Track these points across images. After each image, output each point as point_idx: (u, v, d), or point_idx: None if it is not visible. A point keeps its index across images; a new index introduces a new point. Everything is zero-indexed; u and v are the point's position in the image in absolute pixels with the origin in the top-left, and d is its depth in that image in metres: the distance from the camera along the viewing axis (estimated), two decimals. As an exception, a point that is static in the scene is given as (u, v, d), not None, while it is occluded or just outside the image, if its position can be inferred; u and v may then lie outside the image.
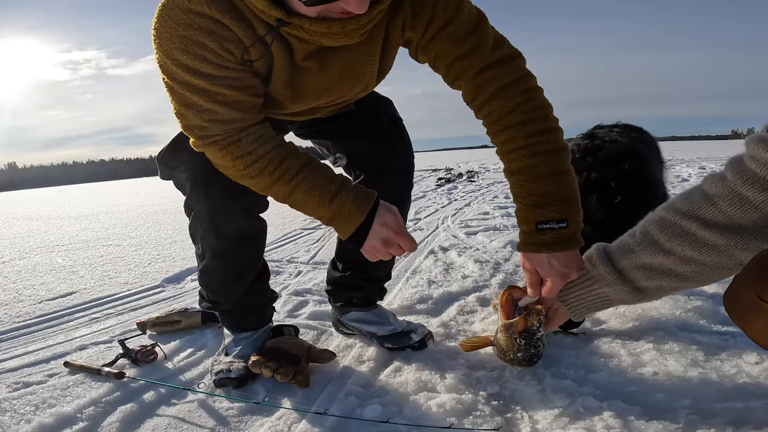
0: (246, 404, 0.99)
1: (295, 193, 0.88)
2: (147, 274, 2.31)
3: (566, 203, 0.86)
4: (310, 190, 0.88)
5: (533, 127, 0.87)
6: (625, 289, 0.86)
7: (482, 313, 1.43)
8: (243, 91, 0.86)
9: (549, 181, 0.85)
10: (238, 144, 0.87)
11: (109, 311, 1.75)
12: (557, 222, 0.85)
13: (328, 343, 1.30)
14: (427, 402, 0.93)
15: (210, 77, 0.81)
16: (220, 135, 0.86)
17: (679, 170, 6.56)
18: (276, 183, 0.88)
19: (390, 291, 1.71)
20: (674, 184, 4.81)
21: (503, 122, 0.89)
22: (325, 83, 0.96)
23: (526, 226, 0.88)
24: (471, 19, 0.89)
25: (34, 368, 1.25)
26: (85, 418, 0.97)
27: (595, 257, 0.90)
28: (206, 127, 0.85)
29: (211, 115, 0.84)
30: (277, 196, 0.91)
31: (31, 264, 2.80)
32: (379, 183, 1.06)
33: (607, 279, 0.88)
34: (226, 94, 0.83)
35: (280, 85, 0.93)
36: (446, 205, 4.27)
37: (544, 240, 0.86)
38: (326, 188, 0.88)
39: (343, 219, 0.88)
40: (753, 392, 0.90)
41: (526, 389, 0.95)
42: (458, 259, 2.14)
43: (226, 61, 0.82)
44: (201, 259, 1.13)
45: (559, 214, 0.85)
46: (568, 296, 0.96)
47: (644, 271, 0.83)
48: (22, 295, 2.03)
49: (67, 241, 3.73)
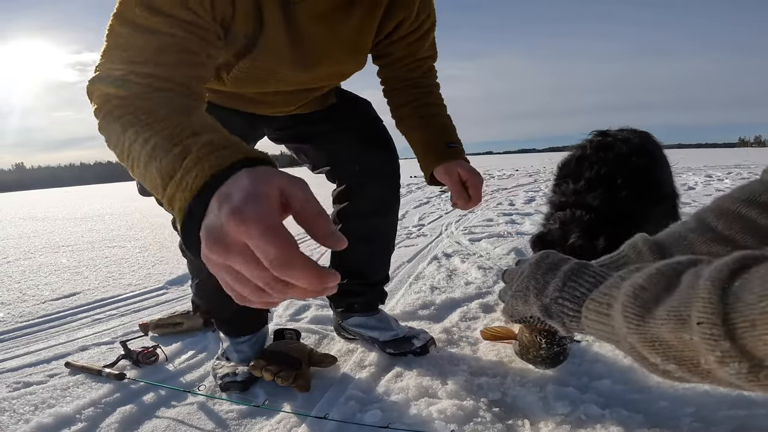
0: (246, 407, 0.99)
1: (128, 160, 0.56)
2: (151, 276, 2.32)
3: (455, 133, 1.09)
4: (136, 139, 0.54)
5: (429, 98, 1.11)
6: None
7: (485, 319, 1.42)
8: (202, 43, 0.67)
9: (445, 121, 1.10)
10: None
11: (112, 312, 1.75)
12: (456, 143, 1.06)
13: (329, 348, 1.30)
14: (428, 408, 0.92)
15: (170, 18, 0.63)
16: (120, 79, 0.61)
17: (685, 178, 6.52)
18: (103, 121, 0.61)
19: (392, 296, 1.71)
20: (681, 192, 4.78)
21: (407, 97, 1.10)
22: (330, 45, 0.91)
23: (438, 146, 1.04)
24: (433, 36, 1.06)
25: (35, 368, 1.25)
26: (84, 418, 0.96)
27: (640, 245, 0.79)
28: (127, 79, 0.60)
29: (134, 54, 0.61)
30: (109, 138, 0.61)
31: (35, 264, 2.81)
32: (366, 188, 1.08)
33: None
34: (177, 36, 0.64)
35: (283, 47, 0.84)
36: (450, 211, 4.26)
37: (455, 152, 1.04)
38: (152, 133, 0.53)
39: (168, 188, 0.49)
40: (756, 400, 0.88)
41: (528, 396, 0.94)
42: (461, 265, 2.13)
43: (199, 7, 0.66)
44: (197, 272, 1.11)
45: (456, 138, 1.07)
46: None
47: None
48: (25, 295, 2.04)
49: (72, 242, 3.76)
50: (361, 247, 1.20)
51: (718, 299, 0.36)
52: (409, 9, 0.96)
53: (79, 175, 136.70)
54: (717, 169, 8.16)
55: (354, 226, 1.18)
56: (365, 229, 1.18)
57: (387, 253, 1.28)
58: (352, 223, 1.19)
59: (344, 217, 1.20)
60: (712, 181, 6.02)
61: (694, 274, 0.41)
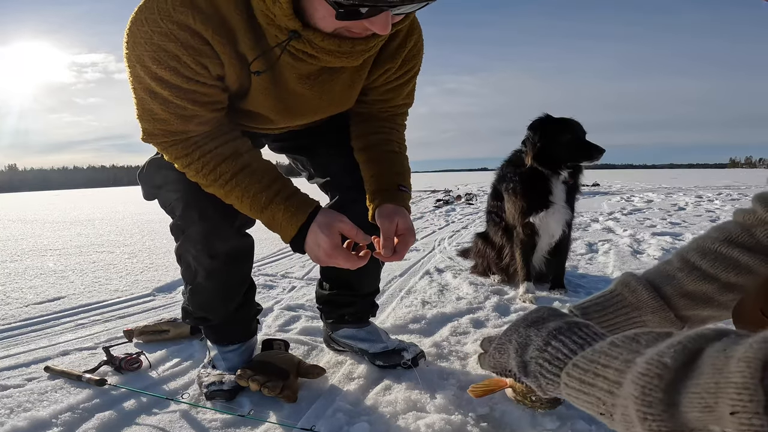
0: (230, 417, 0.96)
1: (230, 198, 0.88)
2: (138, 282, 2.28)
3: (408, 177, 1.08)
4: (243, 197, 0.87)
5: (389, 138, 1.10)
6: (669, 317, 0.81)
7: (475, 334, 1.42)
8: (206, 106, 0.84)
9: (403, 161, 1.09)
10: (178, 145, 0.86)
11: (96, 318, 1.72)
12: (407, 188, 1.05)
13: (318, 359, 1.28)
14: (416, 422, 0.90)
15: (177, 89, 0.80)
16: (167, 141, 0.86)
17: (676, 198, 6.61)
18: (212, 185, 0.88)
19: (383, 310, 1.69)
20: (670, 212, 4.84)
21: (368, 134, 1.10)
22: (318, 103, 0.96)
23: (390, 186, 1.02)
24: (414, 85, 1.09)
25: (13, 372, 1.22)
26: (60, 423, 0.94)
27: (633, 283, 0.83)
28: (155, 134, 0.85)
29: (164, 125, 0.83)
30: (217, 195, 0.90)
31: (21, 267, 2.76)
32: (357, 203, 1.07)
33: (652, 306, 0.81)
34: (187, 108, 0.82)
35: (269, 101, 0.93)
36: (443, 227, 4.28)
37: (404, 197, 1.02)
38: (258, 196, 0.86)
39: (276, 228, 0.88)
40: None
41: (515, 411, 0.93)
42: (453, 280, 2.13)
43: (198, 75, 0.80)
44: (193, 278, 1.09)
45: (409, 183, 1.07)
46: (598, 324, 0.87)
47: (686, 300, 0.79)
48: (9, 298, 2.00)
49: (60, 245, 3.70)
50: None
51: (757, 384, 0.31)
52: (395, 60, 0.97)
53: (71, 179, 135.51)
54: (708, 189, 8.29)
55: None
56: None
57: (377, 264, 1.28)
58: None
59: None
60: (703, 201, 6.11)
61: (720, 351, 0.37)
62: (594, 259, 2.59)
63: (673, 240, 3.04)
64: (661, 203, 5.96)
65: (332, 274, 1.26)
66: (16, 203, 12.70)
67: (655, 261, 2.41)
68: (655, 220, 4.22)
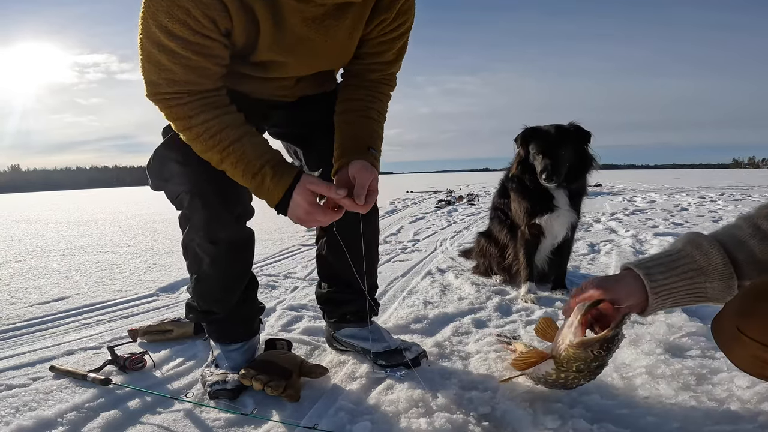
0: (234, 416, 0.97)
1: (225, 163, 0.94)
2: (142, 282, 2.30)
3: (380, 143, 1.13)
4: (238, 163, 0.93)
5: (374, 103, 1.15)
6: (733, 285, 0.76)
7: (477, 334, 1.42)
8: (209, 59, 0.90)
9: (378, 129, 1.13)
10: (183, 107, 0.91)
11: (101, 318, 1.73)
12: (377, 151, 1.09)
13: (321, 359, 1.29)
14: (418, 420, 0.91)
15: (183, 41, 0.85)
16: (170, 94, 0.91)
17: (678, 198, 6.59)
18: (209, 150, 0.93)
19: (385, 310, 1.70)
20: (673, 212, 4.83)
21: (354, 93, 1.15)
22: (324, 47, 1.01)
23: (362, 147, 1.06)
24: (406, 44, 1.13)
25: (19, 371, 1.23)
26: (65, 422, 0.95)
27: (705, 245, 0.78)
28: (160, 84, 0.90)
29: (169, 74, 0.88)
30: (211, 161, 0.96)
31: (25, 267, 2.78)
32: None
33: (722, 272, 0.76)
34: (191, 59, 0.87)
35: (277, 48, 0.97)
36: (445, 227, 4.28)
37: (374, 158, 1.06)
38: (252, 163, 0.93)
39: (264, 193, 0.95)
40: (743, 416, 0.89)
41: (517, 411, 0.93)
42: (455, 281, 2.13)
43: (205, 29, 0.86)
44: (198, 266, 1.13)
45: (380, 148, 1.11)
46: (661, 287, 0.80)
47: (755, 268, 0.76)
48: (13, 298, 2.01)
49: (64, 245, 3.72)
50: (346, 256, 1.22)
51: None
52: (390, 11, 1.02)
53: (74, 179, 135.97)
54: (710, 189, 8.26)
55: (337, 237, 1.21)
56: (349, 238, 1.21)
57: (372, 259, 1.30)
58: (335, 234, 1.22)
59: (328, 229, 1.24)
60: (705, 201, 6.09)
61: None
62: (596, 259, 2.59)
63: (676, 240, 3.03)
64: (663, 204, 5.95)
65: (329, 273, 1.29)
66: (20, 204, 12.76)
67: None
68: (657, 220, 4.22)
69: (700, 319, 1.42)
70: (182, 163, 1.02)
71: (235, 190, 1.09)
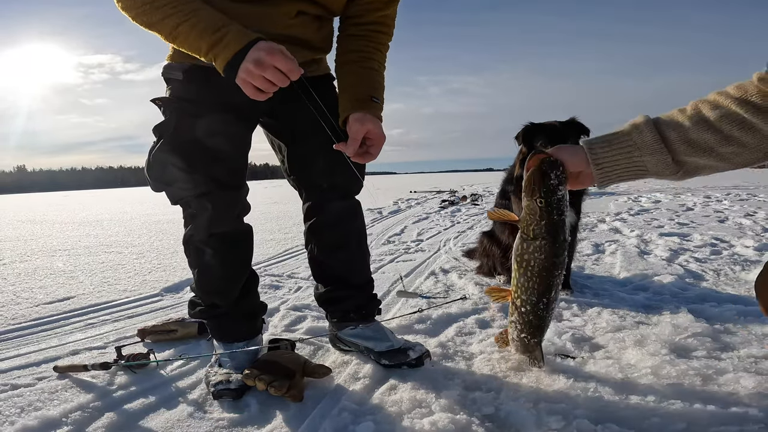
0: (237, 415, 0.97)
1: (182, 26, 0.91)
2: (147, 282, 2.31)
3: (382, 91, 1.16)
4: (198, 23, 0.91)
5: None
6: (666, 159, 0.87)
7: (480, 335, 1.42)
8: None
9: (379, 78, 1.17)
10: None
11: (106, 318, 1.74)
12: (380, 100, 1.13)
13: (324, 359, 1.29)
14: (421, 420, 0.91)
15: None
16: None
17: (684, 198, 6.55)
18: (168, 17, 0.91)
19: (389, 310, 1.70)
20: (678, 212, 4.80)
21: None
22: None
23: (364, 96, 1.10)
24: None
25: (24, 371, 1.24)
26: (70, 422, 0.95)
27: (642, 125, 0.89)
28: None
29: None
30: (163, 30, 0.93)
31: (31, 267, 2.80)
32: (331, 203, 1.15)
33: (652, 147, 0.87)
34: None
35: None
36: (449, 227, 4.27)
37: (376, 106, 1.10)
38: (214, 22, 0.91)
39: (221, 47, 0.91)
40: (749, 417, 0.88)
41: (520, 411, 0.93)
42: (459, 281, 2.13)
43: None
44: (200, 259, 1.15)
45: (382, 96, 1.15)
46: (602, 159, 0.92)
47: (688, 146, 0.85)
48: (19, 298, 2.03)
49: (69, 246, 3.75)
50: (337, 254, 1.25)
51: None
52: None
53: (79, 180, 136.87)
54: (716, 189, 8.19)
55: (326, 236, 1.25)
56: (337, 236, 1.23)
57: (363, 254, 1.31)
58: (324, 234, 1.25)
59: (316, 230, 1.25)
60: (711, 201, 6.05)
61: None
62: (601, 259, 2.58)
63: (681, 240, 3.01)
64: (668, 203, 5.91)
65: (323, 273, 1.31)
66: (26, 204, 12.86)
67: (663, 262, 2.39)
68: (662, 220, 4.19)
69: (705, 319, 1.41)
70: (187, 170, 1.04)
71: (238, 191, 1.14)
